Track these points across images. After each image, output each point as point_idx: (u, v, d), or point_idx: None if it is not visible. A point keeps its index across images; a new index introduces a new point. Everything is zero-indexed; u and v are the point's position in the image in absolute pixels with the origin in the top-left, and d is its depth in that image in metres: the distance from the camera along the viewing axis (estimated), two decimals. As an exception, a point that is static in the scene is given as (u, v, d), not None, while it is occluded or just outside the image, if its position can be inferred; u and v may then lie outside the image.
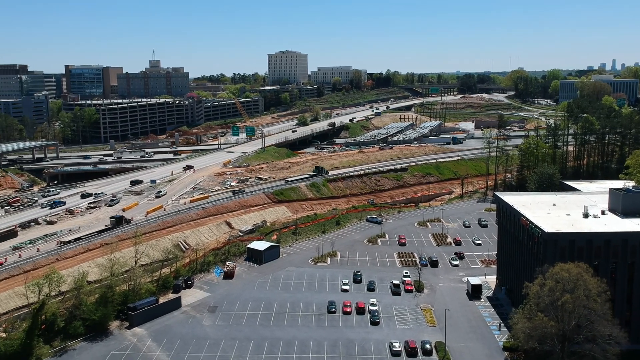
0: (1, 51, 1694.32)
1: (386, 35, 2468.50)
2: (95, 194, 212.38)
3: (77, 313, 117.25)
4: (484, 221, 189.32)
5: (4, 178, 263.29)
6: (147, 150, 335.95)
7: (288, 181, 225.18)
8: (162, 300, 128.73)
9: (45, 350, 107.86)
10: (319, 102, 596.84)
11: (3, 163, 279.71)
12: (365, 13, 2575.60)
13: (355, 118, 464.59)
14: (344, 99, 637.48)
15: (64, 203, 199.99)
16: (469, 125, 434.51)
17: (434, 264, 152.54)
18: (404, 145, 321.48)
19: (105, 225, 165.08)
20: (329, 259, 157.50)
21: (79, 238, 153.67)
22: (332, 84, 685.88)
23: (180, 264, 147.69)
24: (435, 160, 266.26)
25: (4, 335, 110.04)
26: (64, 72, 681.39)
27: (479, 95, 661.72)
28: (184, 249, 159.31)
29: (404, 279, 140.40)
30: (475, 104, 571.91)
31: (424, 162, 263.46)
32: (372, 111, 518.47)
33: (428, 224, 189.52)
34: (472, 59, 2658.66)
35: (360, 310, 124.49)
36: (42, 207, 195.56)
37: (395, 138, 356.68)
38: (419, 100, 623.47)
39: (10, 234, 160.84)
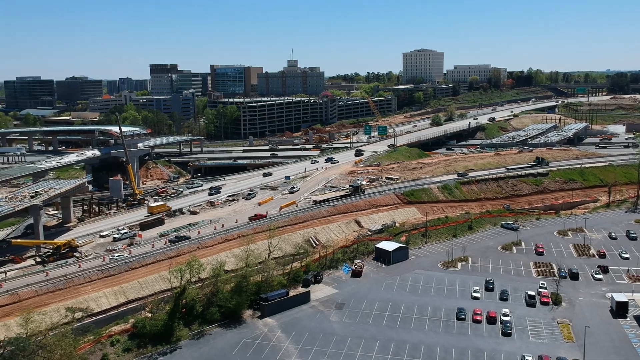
0: (155, 52, 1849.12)
1: (528, 32, 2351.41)
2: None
3: (214, 300, 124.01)
4: (633, 233, 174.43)
5: (154, 169, 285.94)
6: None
7: (509, 169, 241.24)
8: (292, 293, 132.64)
9: (184, 332, 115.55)
10: (454, 102, 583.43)
11: (154, 156, 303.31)
12: (506, 10, 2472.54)
13: (493, 118, 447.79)
14: (481, 99, 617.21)
15: (319, 161, 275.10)
16: (619, 129, 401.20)
17: (574, 276, 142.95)
18: (545, 149, 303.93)
19: (345, 192, 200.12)
20: (459, 264, 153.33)
21: (327, 200, 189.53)
22: (469, 83, 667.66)
23: (310, 259, 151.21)
24: (579, 166, 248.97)
25: (149, 315, 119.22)
26: (209, 72, 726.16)
27: (632, 95, 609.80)
28: (314, 245, 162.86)
29: (540, 290, 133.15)
30: (627, 105, 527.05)
31: (566, 167, 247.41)
32: (511, 111, 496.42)
33: (569, 233, 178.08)
34: (624, 56, 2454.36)
35: (492, 320, 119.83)
36: (312, 163, 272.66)
37: (535, 140, 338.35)
38: (563, 101, 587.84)
39: (158, 222, 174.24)
